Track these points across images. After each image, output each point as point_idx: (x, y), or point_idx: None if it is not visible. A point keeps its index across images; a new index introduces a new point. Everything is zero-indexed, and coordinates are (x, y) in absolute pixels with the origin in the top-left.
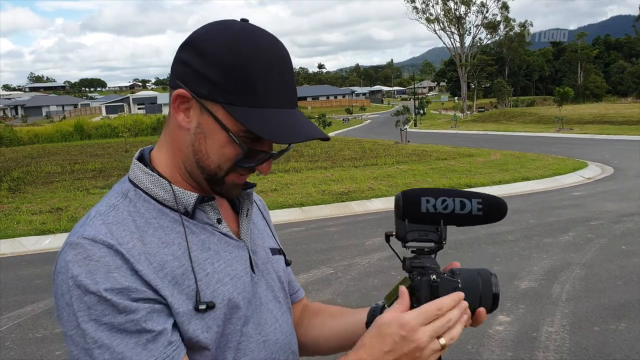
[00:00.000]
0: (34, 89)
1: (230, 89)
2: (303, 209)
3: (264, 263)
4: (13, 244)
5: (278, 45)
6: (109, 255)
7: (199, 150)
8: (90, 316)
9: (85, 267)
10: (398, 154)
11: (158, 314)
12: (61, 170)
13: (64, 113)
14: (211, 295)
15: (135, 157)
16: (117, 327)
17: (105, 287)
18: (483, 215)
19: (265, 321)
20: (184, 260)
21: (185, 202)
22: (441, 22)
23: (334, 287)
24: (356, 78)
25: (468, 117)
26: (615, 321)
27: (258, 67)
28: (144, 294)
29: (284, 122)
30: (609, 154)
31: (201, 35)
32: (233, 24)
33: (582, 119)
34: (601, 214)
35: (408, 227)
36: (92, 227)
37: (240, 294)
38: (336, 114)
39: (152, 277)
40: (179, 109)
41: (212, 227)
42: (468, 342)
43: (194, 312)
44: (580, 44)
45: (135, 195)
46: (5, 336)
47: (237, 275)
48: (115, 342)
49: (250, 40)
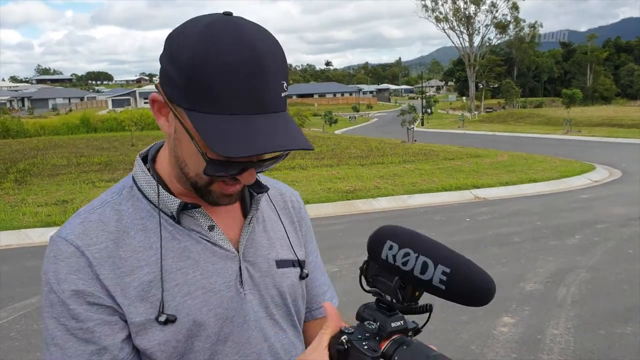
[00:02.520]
0: (40, 81)
1: (190, 93)
2: (309, 207)
3: (262, 276)
4: (19, 235)
5: (253, 43)
6: (74, 257)
7: (179, 155)
8: (52, 313)
9: (53, 265)
10: (405, 153)
11: (109, 326)
12: (67, 163)
13: (71, 106)
14: (175, 309)
15: (140, 152)
16: (70, 331)
17: (64, 288)
18: (445, 289)
19: (247, 340)
20: (156, 267)
21: (170, 206)
22: (450, 21)
23: (339, 285)
24: (364, 76)
25: (476, 117)
26: (621, 325)
27: (219, 68)
28: (99, 300)
29: (246, 132)
30: (617, 157)
31: (173, 33)
32: (202, 20)
33: (590, 121)
34: (608, 217)
35: (370, 269)
36: (70, 225)
37: (211, 310)
38: (343, 111)
39: (112, 282)
40: (160, 113)
41: (199, 234)
42: (472, 343)
43: (154, 322)
44: (590, 46)
45: (129, 193)
46: (11, 327)
47: (213, 289)
48: (68, 345)
49: (214, 38)
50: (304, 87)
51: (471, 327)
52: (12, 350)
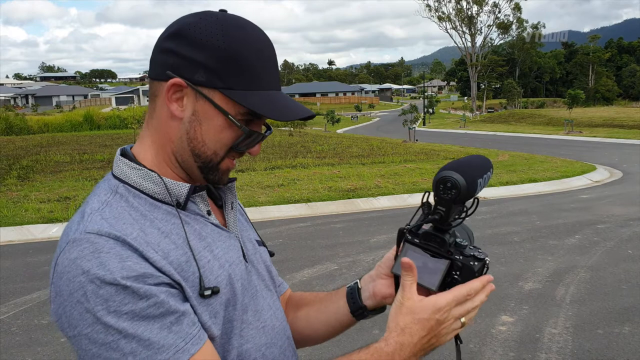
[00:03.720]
0: (44, 78)
1: (227, 74)
2: (309, 205)
3: (253, 253)
4: (21, 231)
5: (262, 31)
6: (118, 246)
7: (194, 137)
8: (109, 309)
9: (96, 260)
10: (406, 153)
11: (176, 297)
12: (70, 160)
13: (74, 103)
14: (215, 281)
15: (118, 153)
16: (139, 314)
17: (122, 275)
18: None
19: (262, 308)
20: (185, 248)
21: (177, 193)
22: (453, 21)
23: (338, 283)
24: (366, 75)
25: (477, 117)
26: (619, 325)
27: (251, 50)
28: (160, 279)
29: (279, 102)
30: (618, 158)
31: (187, 24)
32: (215, 13)
33: (592, 122)
34: (608, 218)
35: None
36: (92, 222)
37: (239, 280)
38: (345, 111)
39: (162, 263)
40: (171, 100)
41: (204, 217)
42: (471, 342)
43: (200, 299)
44: (593, 47)
45: (126, 191)
46: (12, 322)
47: (234, 262)
48: (140, 330)
49: (238, 25)
50: (306, 86)
51: (469, 326)
52: (13, 345)
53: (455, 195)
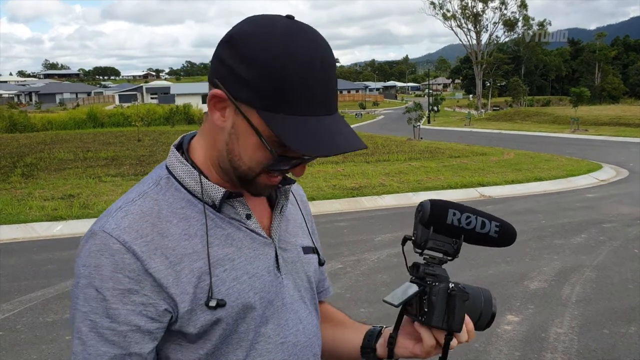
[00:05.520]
0: (48, 75)
1: (267, 95)
2: (314, 203)
3: (294, 262)
4: (25, 228)
5: (322, 47)
6: (120, 254)
7: (232, 149)
8: (84, 307)
9: (95, 259)
10: (410, 151)
11: (142, 335)
12: (74, 158)
13: (78, 100)
14: (225, 293)
15: (174, 144)
16: (97, 329)
17: (107, 285)
18: (497, 238)
19: (286, 322)
20: (203, 254)
21: (212, 195)
22: (458, 19)
23: (343, 282)
24: (370, 73)
25: (482, 115)
26: (625, 324)
27: (298, 73)
28: (144, 299)
29: (319, 133)
30: (625, 157)
31: (241, 34)
32: (275, 23)
33: (598, 120)
34: (614, 217)
35: (431, 235)
36: (114, 219)
37: (257, 293)
38: (349, 108)
39: (163, 274)
40: (215, 108)
41: (239, 222)
42: (476, 341)
43: (203, 307)
44: (599, 45)
45: (167, 183)
46: (17, 319)
47: (257, 273)
48: (91, 342)
49: (292, 42)
50: None
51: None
52: (18, 342)
53: (422, 216)
